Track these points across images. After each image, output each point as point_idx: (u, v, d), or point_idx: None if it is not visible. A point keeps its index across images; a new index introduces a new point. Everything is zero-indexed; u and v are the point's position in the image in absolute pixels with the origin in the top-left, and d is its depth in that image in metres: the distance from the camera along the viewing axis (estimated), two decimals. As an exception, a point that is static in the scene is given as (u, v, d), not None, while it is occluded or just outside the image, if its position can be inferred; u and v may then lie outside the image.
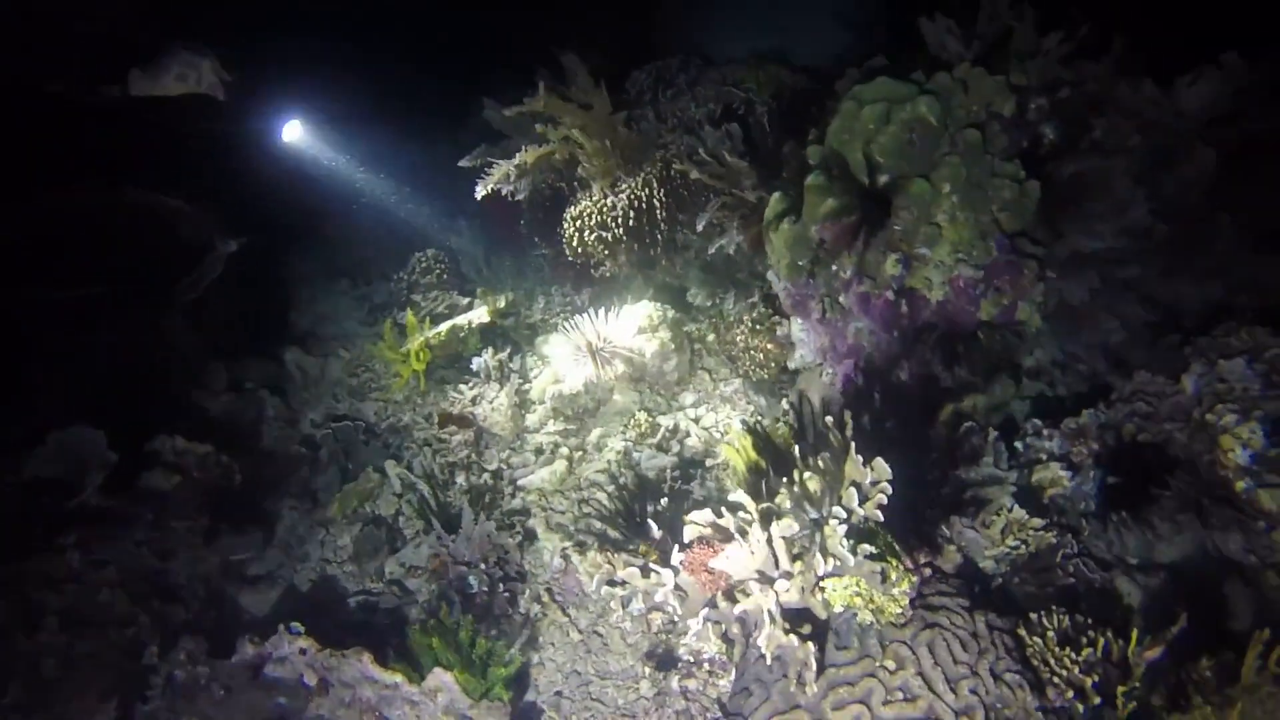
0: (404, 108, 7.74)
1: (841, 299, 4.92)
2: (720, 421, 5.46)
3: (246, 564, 4.73)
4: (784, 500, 3.00)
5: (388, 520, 5.09)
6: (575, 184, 6.33)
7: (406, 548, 4.68)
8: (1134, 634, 2.97)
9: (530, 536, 4.72)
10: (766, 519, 2.91)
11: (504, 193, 6.36)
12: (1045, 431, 4.76)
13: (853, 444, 2.94)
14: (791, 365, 5.72)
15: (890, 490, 2.91)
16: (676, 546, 3.14)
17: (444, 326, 5.92)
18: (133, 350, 5.02)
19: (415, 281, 6.70)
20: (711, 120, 6.06)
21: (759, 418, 5.44)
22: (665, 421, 5.39)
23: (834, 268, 4.86)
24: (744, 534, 2.97)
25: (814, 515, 2.98)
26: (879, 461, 2.92)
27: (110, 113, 4.98)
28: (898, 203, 4.35)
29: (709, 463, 5.16)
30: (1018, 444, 4.70)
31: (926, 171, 4.29)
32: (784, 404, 5.58)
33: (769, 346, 5.70)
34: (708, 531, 3.16)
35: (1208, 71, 4.50)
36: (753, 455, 3.63)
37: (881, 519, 2.88)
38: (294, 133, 6.85)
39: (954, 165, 4.14)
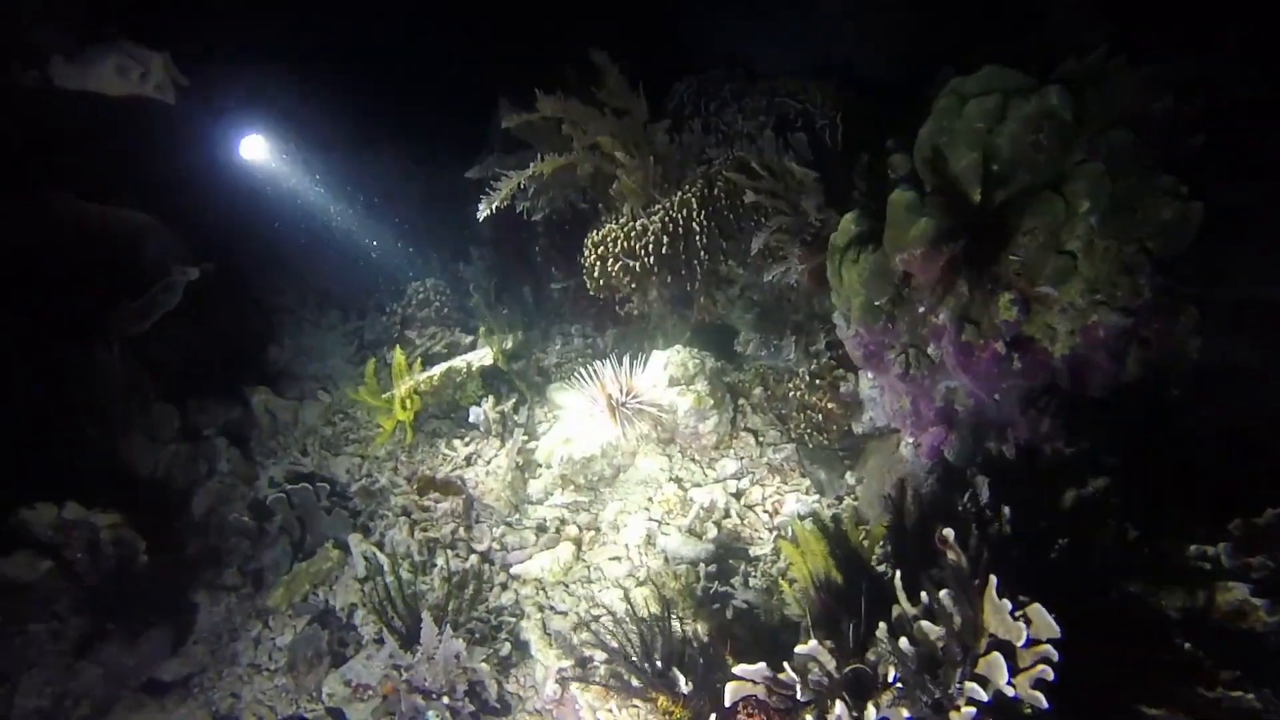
0: (414, 122, 7.03)
1: (930, 350, 3.92)
2: (768, 498, 4.44)
3: (148, 670, 3.75)
4: (883, 661, 1.94)
5: (341, 616, 4.09)
6: (600, 204, 5.42)
7: (356, 658, 3.68)
8: None
9: (520, 645, 3.67)
10: (857, 694, 1.85)
11: (518, 210, 5.48)
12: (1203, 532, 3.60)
13: (994, 580, 1.89)
14: (857, 429, 4.71)
15: (1056, 657, 1.83)
16: (715, 716, 2.08)
17: (437, 369, 4.99)
18: (38, 393, 4.15)
19: (411, 315, 5.82)
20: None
21: (820, 499, 4.37)
22: (699, 496, 4.38)
23: (921, 309, 3.88)
24: (822, 711, 1.90)
25: (934, 692, 1.91)
26: (1038, 611, 1.88)
27: (29, 106, 4.18)
28: (1016, 225, 3.32)
29: (754, 551, 4.10)
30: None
31: (1056, 184, 3.25)
32: (848, 478, 4.52)
33: (830, 405, 4.69)
34: (760, 691, 2.10)
35: None
36: (824, 565, 2.58)
37: (1044, 704, 1.80)
38: (254, 149, 6.06)
39: (1095, 176, 3.13)
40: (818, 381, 4.74)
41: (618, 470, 4.64)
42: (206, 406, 5.27)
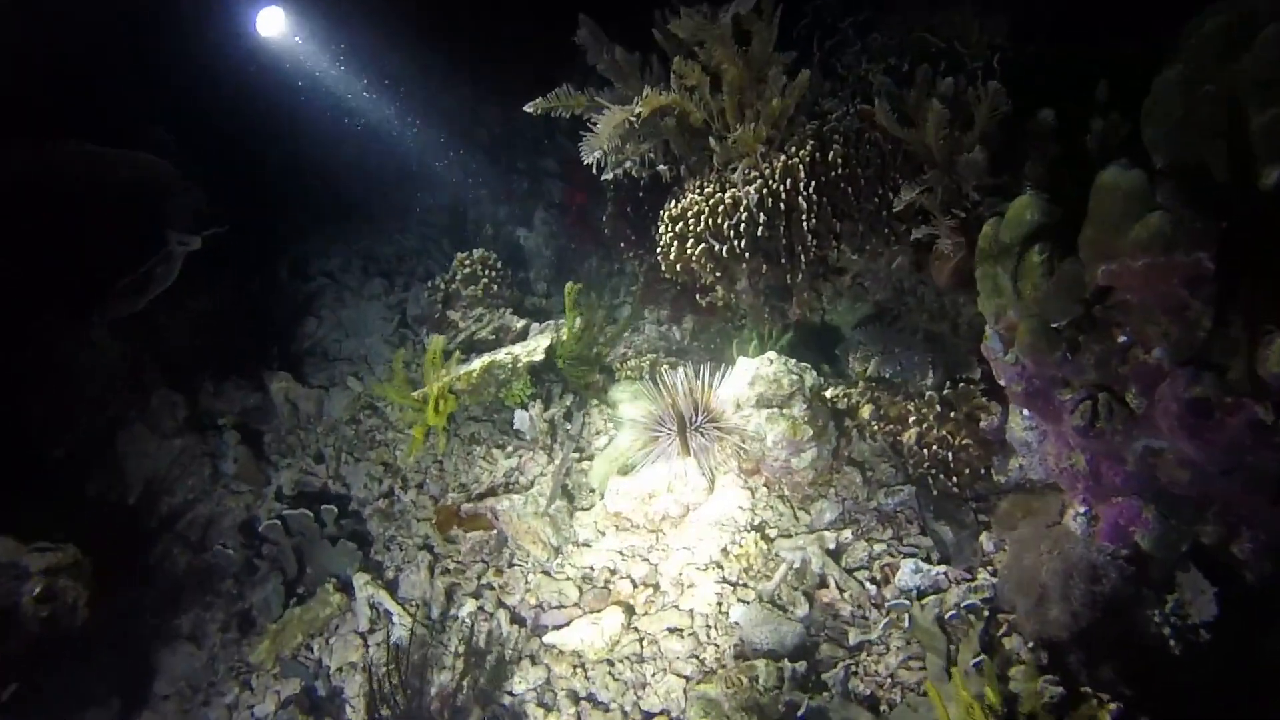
0: (485, 56, 6.01)
1: (1130, 397, 2.72)
2: (876, 559, 3.41)
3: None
4: None
5: (334, 680, 3.29)
6: (683, 167, 4.31)
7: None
8: None
9: (546, 753, 2.80)
10: None
11: (586, 162, 4.42)
12: None
13: None
14: (1000, 478, 3.58)
15: None
16: None
17: (477, 364, 4.08)
18: (15, 380, 3.45)
19: (454, 292, 4.90)
20: (899, 78, 3.90)
21: (946, 571, 3.28)
22: (787, 552, 3.40)
23: (1123, 340, 2.71)
24: None
25: None
26: None
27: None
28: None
29: (855, 636, 3.11)
30: None
31: None
32: (983, 541, 3.43)
33: (965, 442, 3.58)
34: None
35: None
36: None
37: None
38: (272, 22, 5.13)
39: None
40: (952, 413, 3.60)
41: (686, 509, 3.67)
42: (224, 391, 4.58)
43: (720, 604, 3.32)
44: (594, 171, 4.62)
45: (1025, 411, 3.30)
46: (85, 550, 3.14)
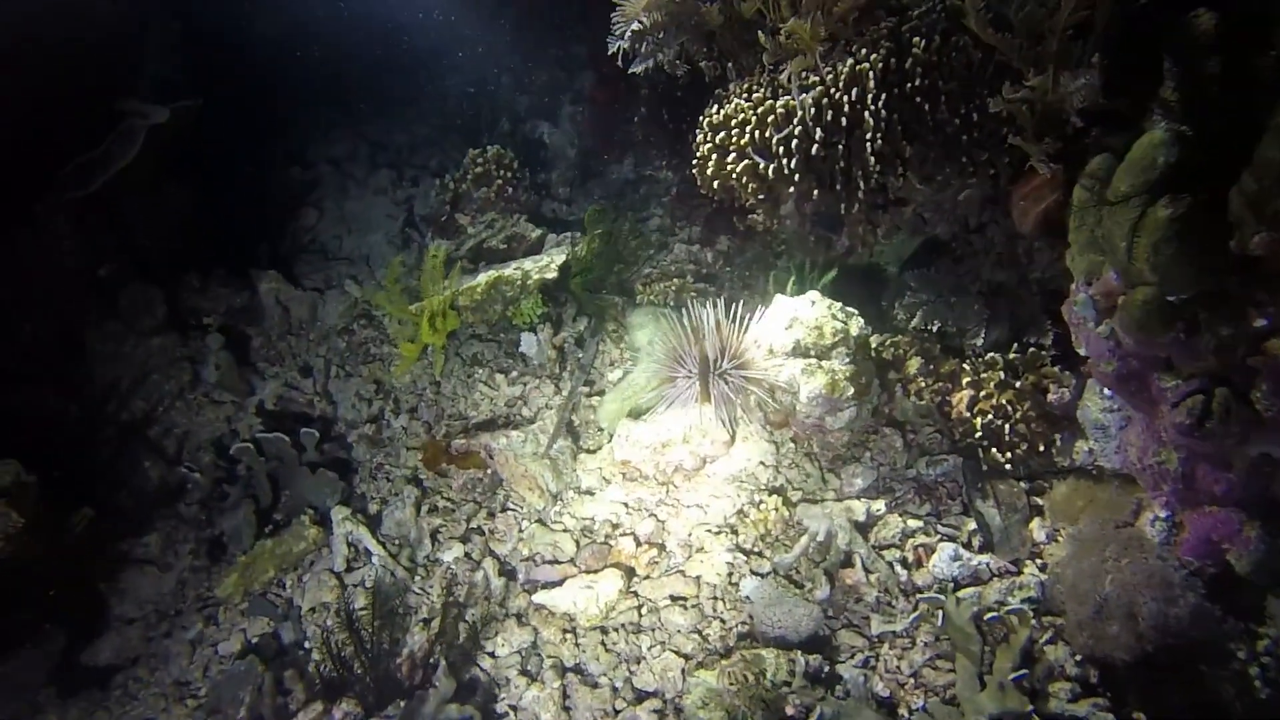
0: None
1: (1257, 396, 2.19)
2: (910, 537, 3.00)
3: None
4: None
5: (303, 625, 2.98)
6: (729, 65, 3.64)
7: (293, 726, 2.61)
8: None
9: (525, 734, 2.50)
10: None
11: (613, 49, 3.72)
12: None
13: None
14: (1061, 460, 3.09)
15: None
16: None
17: (483, 278, 3.59)
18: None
19: (464, 193, 4.33)
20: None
21: (990, 560, 2.86)
22: (812, 521, 2.99)
23: (1261, 323, 2.12)
24: None
25: None
26: None
27: None
28: None
29: (878, 626, 2.73)
30: None
31: None
32: (1034, 529, 2.99)
33: (1028, 412, 3.06)
34: None
35: None
36: None
37: None
38: None
39: None
40: (1016, 380, 3.07)
41: (702, 461, 3.25)
42: (209, 288, 4.13)
43: (731, 574, 2.94)
44: (618, 63, 3.95)
45: (1108, 391, 2.77)
46: (32, 468, 2.84)
